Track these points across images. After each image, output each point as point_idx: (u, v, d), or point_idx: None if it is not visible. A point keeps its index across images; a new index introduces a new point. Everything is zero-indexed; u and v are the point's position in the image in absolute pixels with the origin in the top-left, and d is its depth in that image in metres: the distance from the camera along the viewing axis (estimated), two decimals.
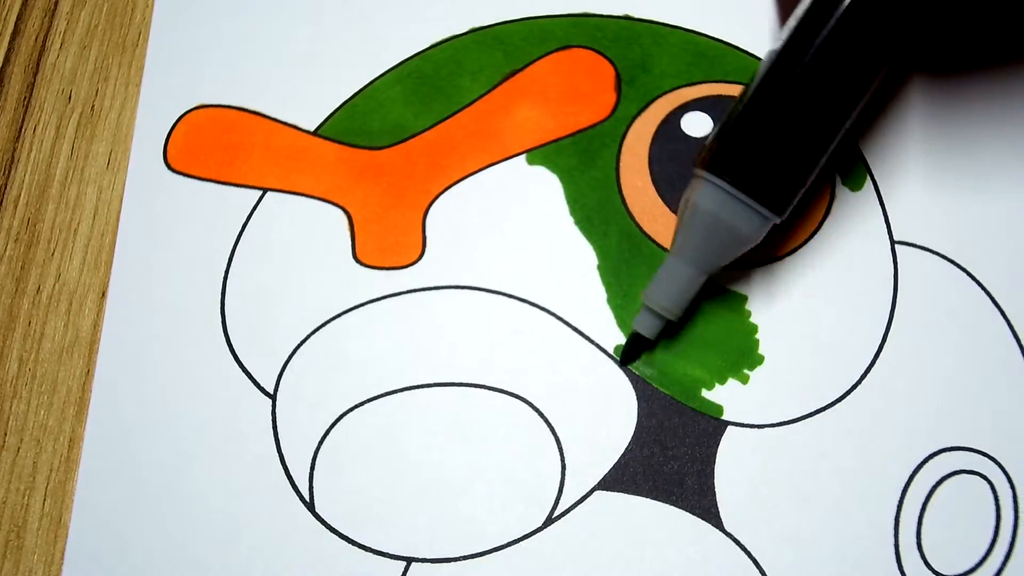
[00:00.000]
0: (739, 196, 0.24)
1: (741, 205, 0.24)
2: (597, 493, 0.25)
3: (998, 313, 0.27)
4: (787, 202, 0.24)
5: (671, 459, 0.26)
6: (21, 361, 0.27)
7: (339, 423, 0.26)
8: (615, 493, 0.25)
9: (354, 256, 0.28)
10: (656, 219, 0.28)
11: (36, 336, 0.27)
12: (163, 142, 0.29)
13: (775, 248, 0.28)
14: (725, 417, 0.26)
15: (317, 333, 0.27)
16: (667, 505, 0.25)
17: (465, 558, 0.25)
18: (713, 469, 0.26)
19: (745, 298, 0.27)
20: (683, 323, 0.27)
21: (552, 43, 0.30)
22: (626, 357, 0.27)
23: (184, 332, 0.27)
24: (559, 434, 0.26)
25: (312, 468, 0.26)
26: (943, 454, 0.25)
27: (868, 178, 0.29)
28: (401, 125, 0.29)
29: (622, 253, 0.28)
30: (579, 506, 0.25)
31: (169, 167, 0.29)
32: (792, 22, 0.24)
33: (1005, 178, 0.28)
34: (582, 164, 0.29)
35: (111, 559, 0.25)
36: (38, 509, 0.26)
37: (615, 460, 0.26)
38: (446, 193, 0.29)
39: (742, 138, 0.24)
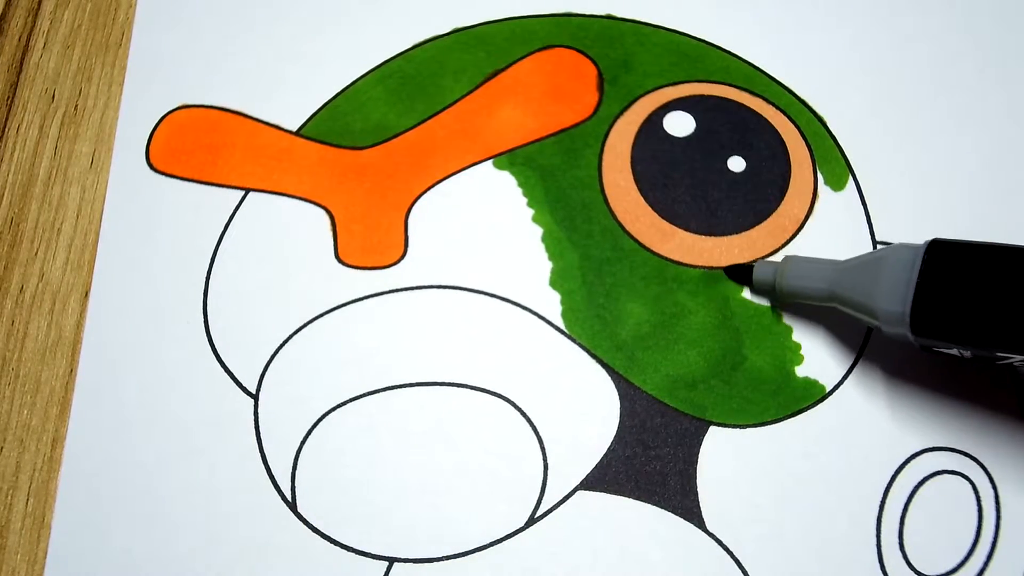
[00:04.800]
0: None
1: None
2: (579, 493, 0.25)
3: None
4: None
5: (653, 459, 0.26)
6: (4, 360, 0.27)
7: (321, 423, 0.26)
8: (597, 493, 0.25)
9: (336, 256, 0.28)
10: (638, 218, 0.28)
11: (19, 335, 0.27)
12: (146, 142, 0.29)
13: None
14: (708, 417, 0.26)
15: (299, 333, 0.27)
16: (649, 505, 0.25)
17: (447, 558, 0.25)
18: (696, 469, 0.25)
19: (728, 299, 0.27)
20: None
21: (534, 43, 0.30)
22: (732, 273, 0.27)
23: (167, 332, 0.27)
24: (541, 434, 0.26)
25: (294, 468, 0.26)
26: (925, 454, 0.25)
27: (850, 178, 0.29)
28: (383, 125, 0.29)
29: (604, 252, 0.28)
30: (561, 506, 0.25)
31: (152, 167, 0.29)
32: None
33: (986, 177, 0.28)
34: (565, 164, 0.29)
35: (93, 559, 0.25)
36: (21, 509, 0.26)
37: (597, 460, 0.26)
38: (428, 193, 0.28)
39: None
